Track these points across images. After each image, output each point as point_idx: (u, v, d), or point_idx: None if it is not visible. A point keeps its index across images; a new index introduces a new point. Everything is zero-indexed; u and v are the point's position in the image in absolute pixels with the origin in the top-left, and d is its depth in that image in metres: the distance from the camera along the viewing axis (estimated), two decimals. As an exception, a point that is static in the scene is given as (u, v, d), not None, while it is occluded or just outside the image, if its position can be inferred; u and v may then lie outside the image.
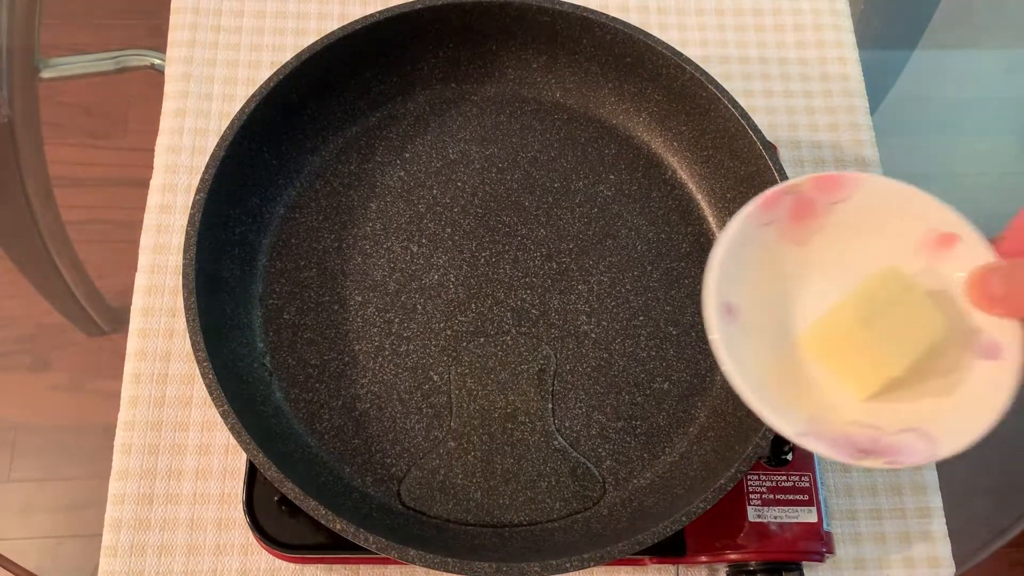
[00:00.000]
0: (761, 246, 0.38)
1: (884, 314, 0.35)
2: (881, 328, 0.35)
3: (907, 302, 0.36)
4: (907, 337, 0.35)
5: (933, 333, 0.35)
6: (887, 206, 0.38)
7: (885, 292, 0.36)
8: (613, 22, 0.51)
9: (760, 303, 0.38)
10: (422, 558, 0.40)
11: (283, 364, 0.48)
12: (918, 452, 0.34)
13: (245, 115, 0.48)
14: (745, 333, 0.37)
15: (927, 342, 0.35)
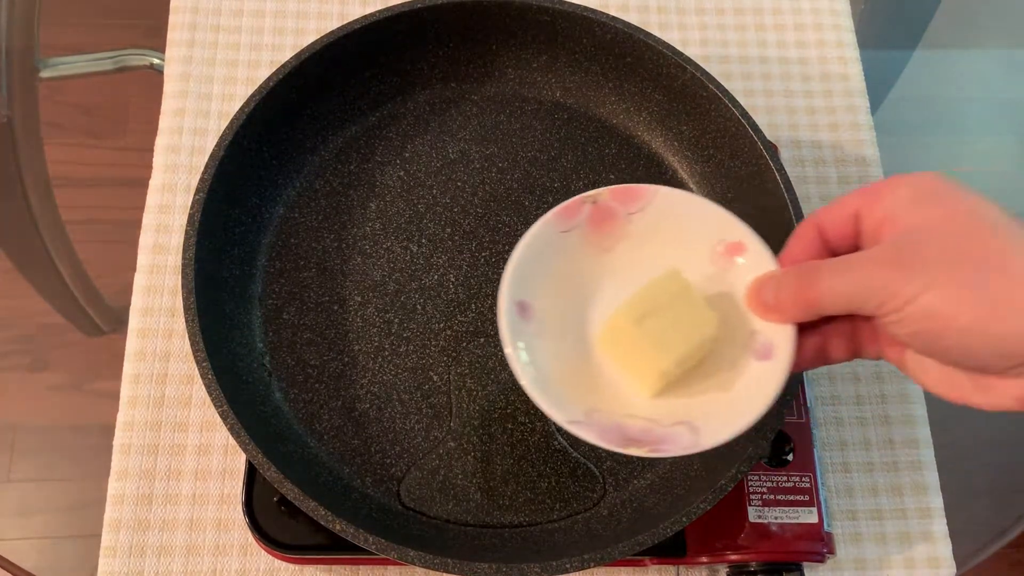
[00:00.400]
0: (563, 252, 0.40)
1: (655, 313, 0.38)
2: (651, 326, 0.38)
3: (681, 302, 0.38)
4: (676, 334, 0.37)
5: (703, 331, 0.38)
6: (682, 216, 0.40)
7: (661, 293, 0.38)
8: (613, 21, 0.51)
9: (560, 304, 0.40)
10: (422, 558, 0.39)
11: (283, 364, 0.48)
12: (682, 443, 0.37)
13: (244, 115, 0.48)
14: (542, 330, 0.39)
15: (696, 339, 0.38)
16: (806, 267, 0.35)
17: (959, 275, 0.30)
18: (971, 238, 0.30)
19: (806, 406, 0.48)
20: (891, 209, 0.33)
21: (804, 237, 0.36)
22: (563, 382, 0.39)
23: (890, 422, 0.53)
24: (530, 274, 0.40)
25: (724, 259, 0.40)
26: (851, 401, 0.53)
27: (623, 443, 0.37)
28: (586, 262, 0.41)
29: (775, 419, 0.43)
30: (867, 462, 0.52)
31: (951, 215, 0.31)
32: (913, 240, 0.31)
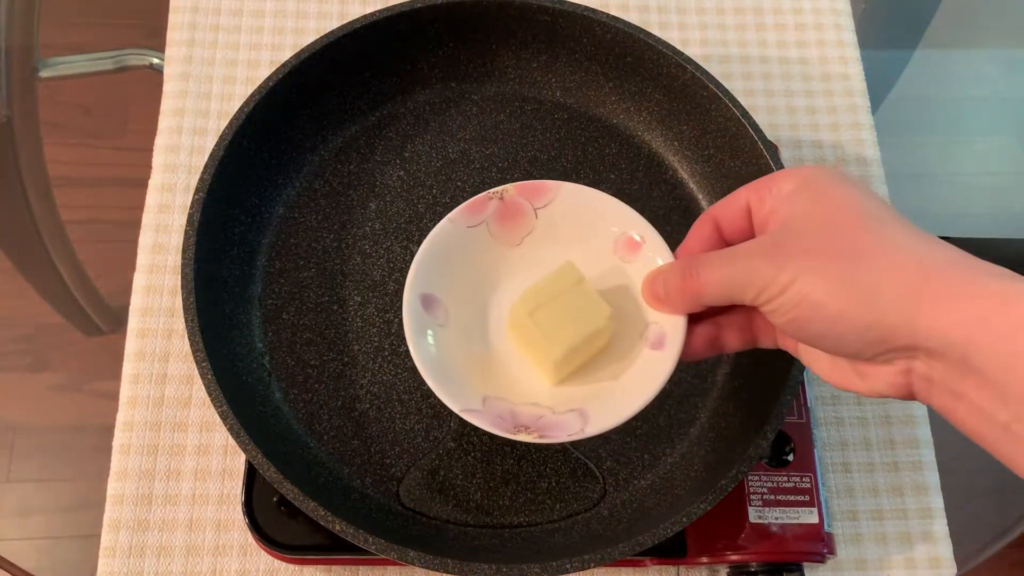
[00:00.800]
0: (471, 246, 0.42)
1: (549, 305, 0.39)
2: (544, 317, 0.39)
3: (574, 294, 0.39)
4: (568, 326, 0.39)
5: (595, 322, 0.39)
6: (586, 211, 0.41)
7: (556, 285, 0.40)
8: (614, 21, 0.51)
9: (467, 296, 0.42)
10: (422, 559, 0.39)
11: (282, 364, 0.48)
12: (569, 430, 0.38)
13: (244, 114, 0.47)
14: (447, 321, 0.41)
15: (587, 330, 0.39)
16: (690, 260, 0.37)
17: (828, 266, 0.31)
18: (843, 230, 0.32)
19: (806, 406, 0.48)
20: (775, 201, 0.34)
21: (701, 231, 0.38)
22: (466, 371, 0.41)
23: (891, 422, 0.53)
24: (436, 268, 0.41)
25: (625, 252, 0.41)
26: (851, 401, 0.53)
27: (514, 430, 0.38)
28: (493, 255, 0.43)
29: (775, 419, 0.43)
30: (867, 462, 0.52)
31: (828, 207, 0.32)
32: (789, 231, 0.33)
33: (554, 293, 0.39)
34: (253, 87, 0.48)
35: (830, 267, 0.31)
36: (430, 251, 0.41)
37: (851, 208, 0.32)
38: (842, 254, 0.31)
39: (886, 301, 0.30)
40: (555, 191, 0.42)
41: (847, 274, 0.30)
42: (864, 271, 0.30)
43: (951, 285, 0.29)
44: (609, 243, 0.41)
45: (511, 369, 0.41)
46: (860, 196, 0.33)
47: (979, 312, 0.28)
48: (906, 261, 0.30)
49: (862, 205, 0.32)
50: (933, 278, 0.29)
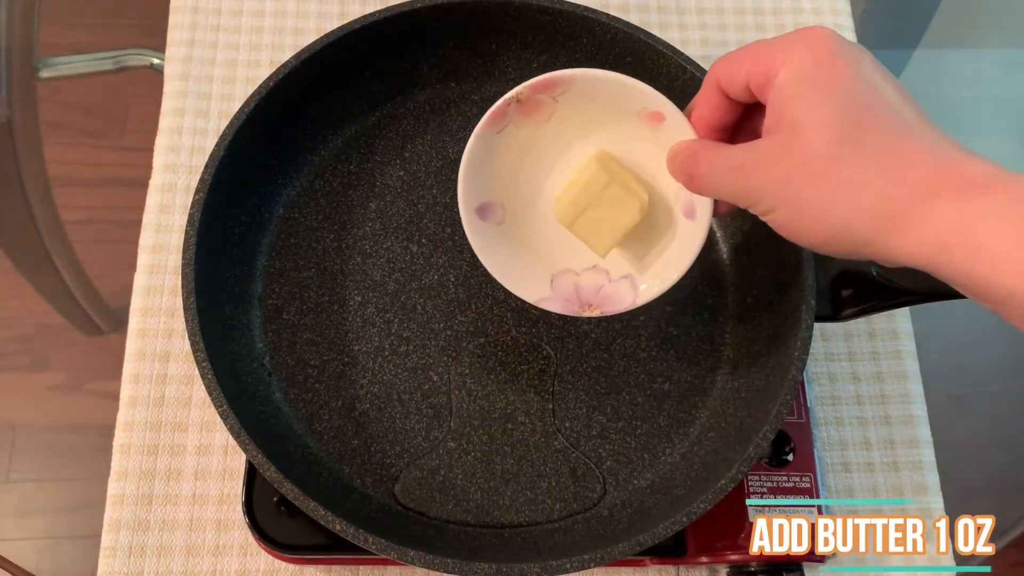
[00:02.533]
0: (504, 145, 0.43)
1: (586, 213, 0.42)
2: (584, 226, 0.43)
3: (609, 193, 0.42)
4: (606, 229, 0.42)
5: (632, 218, 0.42)
6: (605, 91, 0.42)
7: (590, 188, 0.42)
8: (613, 21, 0.51)
9: (517, 187, 0.45)
10: (422, 559, 0.39)
11: (282, 364, 0.48)
12: (624, 301, 0.44)
13: (244, 115, 0.47)
14: (503, 218, 0.45)
15: (626, 225, 0.42)
16: (696, 159, 0.38)
17: (804, 204, 0.33)
18: (805, 159, 0.33)
19: (806, 406, 0.48)
20: (778, 94, 0.34)
21: (710, 99, 0.38)
22: (531, 256, 0.45)
23: (890, 422, 0.53)
24: (478, 177, 0.43)
25: (652, 122, 0.42)
26: (851, 401, 0.53)
27: (580, 308, 0.44)
28: (528, 142, 0.44)
29: (775, 419, 0.43)
30: (867, 462, 0.52)
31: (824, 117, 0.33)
32: (769, 151, 0.34)
33: (588, 199, 0.42)
34: (253, 87, 0.48)
35: (805, 205, 0.33)
36: (469, 166, 0.43)
37: (842, 120, 0.32)
38: (818, 189, 0.33)
39: (856, 237, 0.33)
40: (569, 80, 0.42)
41: (821, 212, 0.33)
42: (837, 211, 0.32)
43: (915, 219, 0.31)
44: (635, 114, 0.42)
45: (570, 237, 0.44)
46: (858, 93, 0.33)
47: (939, 241, 0.30)
48: (876, 196, 0.32)
49: (857, 111, 0.33)
50: (897, 215, 0.31)
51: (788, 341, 0.45)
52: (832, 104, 0.33)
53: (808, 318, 0.45)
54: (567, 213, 0.43)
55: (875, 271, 0.45)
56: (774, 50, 0.35)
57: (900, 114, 0.33)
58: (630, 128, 0.42)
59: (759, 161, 0.35)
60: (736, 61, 0.36)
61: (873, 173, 0.32)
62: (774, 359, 0.46)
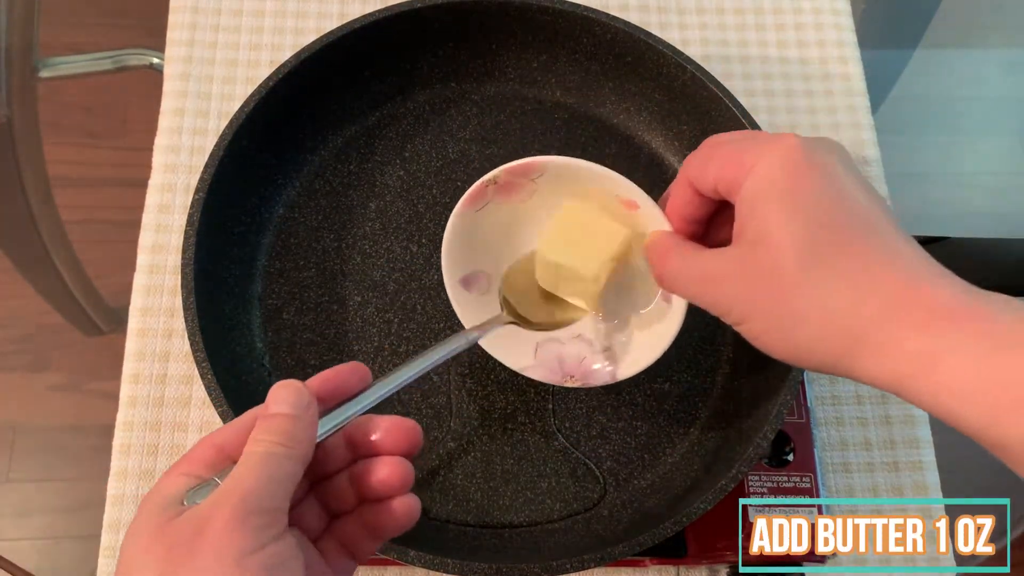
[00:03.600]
0: (485, 221, 0.44)
1: (568, 244, 0.42)
2: (567, 254, 0.42)
3: (591, 222, 0.42)
4: (592, 253, 0.41)
5: (616, 241, 0.41)
6: (579, 177, 0.42)
7: (571, 222, 0.42)
8: (614, 21, 0.51)
9: (501, 261, 0.45)
10: (422, 558, 0.39)
11: (282, 364, 0.48)
12: (604, 377, 0.44)
13: (244, 115, 0.47)
14: (487, 293, 0.45)
15: (612, 249, 0.41)
16: (667, 261, 0.38)
17: (771, 322, 0.33)
18: (773, 276, 0.32)
19: (806, 406, 0.48)
20: (740, 191, 0.34)
21: (682, 192, 0.38)
22: (513, 329, 0.44)
23: (891, 422, 0.53)
24: (461, 251, 0.44)
25: (626, 208, 0.42)
26: (851, 401, 0.53)
27: (563, 378, 0.44)
28: (511, 216, 0.45)
29: (775, 419, 0.43)
30: (867, 462, 0.52)
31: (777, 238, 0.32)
32: (735, 262, 0.34)
33: (568, 235, 0.42)
34: (253, 87, 0.48)
35: (773, 321, 0.33)
36: (452, 241, 0.44)
37: (808, 237, 0.32)
38: (786, 306, 0.32)
39: (824, 356, 0.32)
40: (542, 166, 0.43)
41: (789, 330, 0.33)
42: (805, 330, 0.32)
43: (880, 346, 0.31)
44: (612, 197, 0.42)
45: (550, 305, 0.45)
46: (826, 206, 0.32)
47: (905, 371, 0.30)
48: (843, 319, 0.31)
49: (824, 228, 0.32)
50: (864, 340, 0.31)
51: (788, 341, 0.45)
52: (798, 219, 0.32)
53: (808, 318, 0.45)
54: (545, 252, 0.42)
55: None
56: (743, 155, 0.34)
57: (869, 226, 0.32)
58: (609, 206, 0.43)
59: (725, 273, 0.35)
60: (706, 161, 0.36)
61: (839, 295, 0.31)
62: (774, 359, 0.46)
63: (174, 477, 0.30)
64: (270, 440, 0.30)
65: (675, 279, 0.37)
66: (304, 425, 0.31)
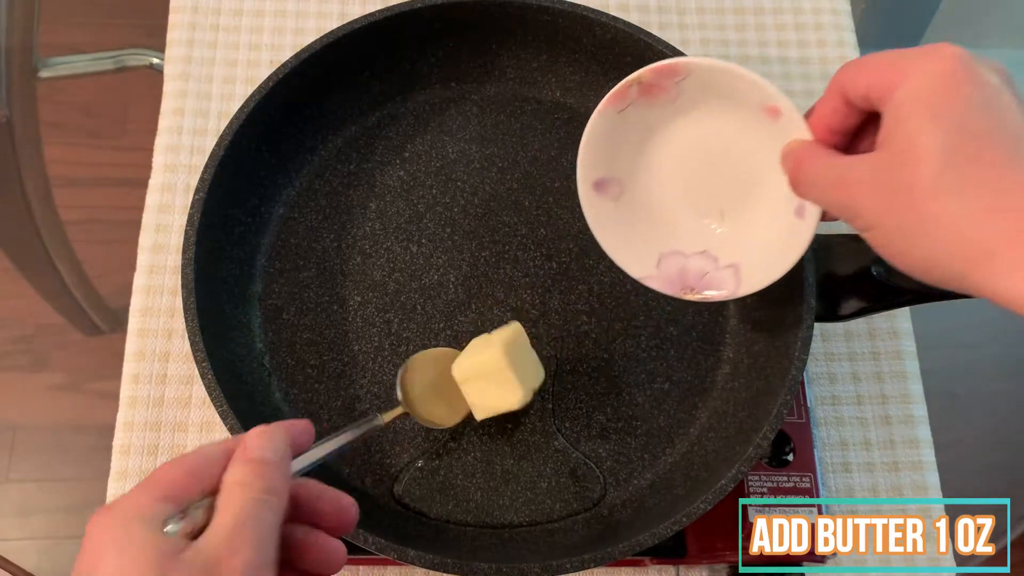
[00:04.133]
0: (628, 125, 0.43)
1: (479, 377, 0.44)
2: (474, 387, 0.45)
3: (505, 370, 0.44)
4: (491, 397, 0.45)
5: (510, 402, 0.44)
6: (724, 80, 0.42)
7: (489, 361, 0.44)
8: (614, 21, 0.51)
9: (636, 168, 0.45)
10: (422, 558, 0.39)
11: (282, 364, 0.48)
12: (725, 289, 0.44)
13: (244, 115, 0.47)
14: (620, 194, 0.45)
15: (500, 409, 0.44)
16: (804, 166, 0.38)
17: (896, 232, 0.33)
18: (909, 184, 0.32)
19: (806, 406, 0.48)
20: (898, 111, 0.33)
21: (830, 100, 0.37)
22: (643, 234, 0.45)
23: (890, 422, 0.53)
24: (597, 153, 0.44)
25: (769, 116, 0.41)
26: (851, 401, 0.53)
27: (682, 290, 0.45)
28: (651, 122, 0.44)
29: (775, 419, 0.43)
30: (867, 462, 0.52)
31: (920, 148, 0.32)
32: (873, 169, 0.34)
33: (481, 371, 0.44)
34: (253, 87, 0.48)
35: (902, 230, 0.33)
36: (590, 141, 0.43)
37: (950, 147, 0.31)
38: (916, 217, 0.32)
39: (952, 270, 0.32)
40: (687, 70, 0.41)
41: (918, 240, 0.32)
42: (934, 242, 0.32)
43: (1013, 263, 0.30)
44: (756, 104, 0.41)
45: (683, 219, 0.45)
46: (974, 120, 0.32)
47: None
48: (975, 232, 0.31)
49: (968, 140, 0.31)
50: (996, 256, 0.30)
51: (788, 341, 0.45)
52: (943, 128, 0.32)
53: (808, 318, 0.45)
54: (460, 373, 0.44)
55: (875, 271, 0.45)
56: (899, 63, 0.33)
57: (1018, 142, 0.31)
58: (750, 117, 0.42)
59: (861, 178, 0.34)
60: (861, 68, 0.35)
61: (974, 206, 0.31)
62: (774, 359, 0.46)
63: (149, 500, 0.29)
64: (259, 487, 0.30)
65: (811, 183, 0.37)
66: (284, 475, 0.31)
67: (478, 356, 0.44)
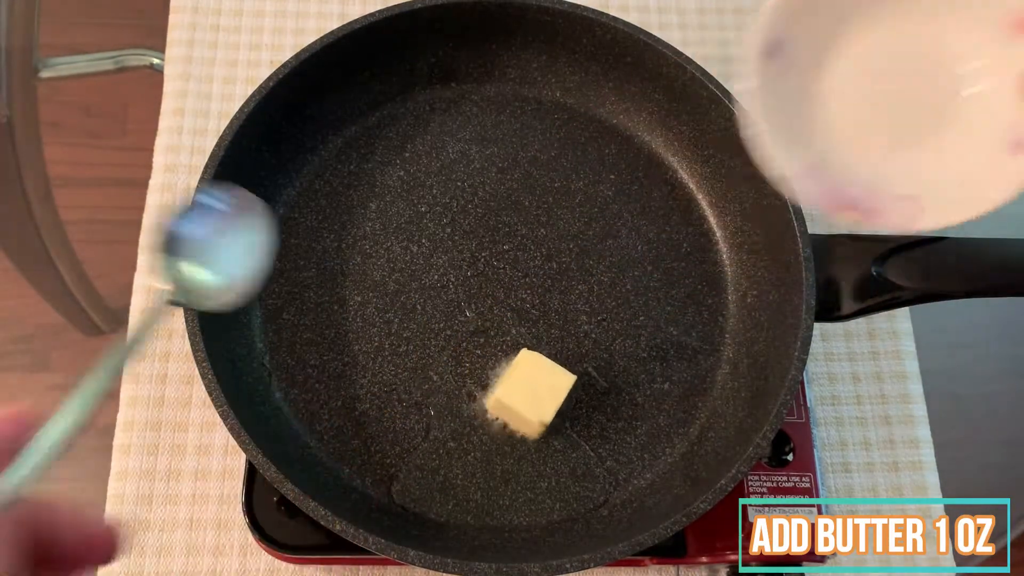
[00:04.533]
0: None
1: (523, 387, 0.45)
2: (522, 397, 0.45)
3: (541, 369, 0.45)
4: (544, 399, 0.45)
5: (563, 391, 0.45)
6: None
7: (525, 367, 0.45)
8: (613, 22, 0.51)
9: (814, 36, 0.38)
10: (422, 559, 0.39)
11: (282, 364, 0.48)
12: (899, 217, 0.37)
13: (244, 115, 0.47)
14: (788, 71, 0.38)
15: (559, 399, 0.45)
16: None
17: None
18: None
19: (806, 406, 0.48)
20: None
21: None
22: (805, 126, 0.38)
23: (890, 422, 0.53)
24: (795, 6, 0.37)
25: (1007, 29, 0.36)
26: (851, 401, 0.53)
27: (839, 206, 0.37)
28: None
29: (775, 419, 0.43)
30: (867, 462, 0.52)
31: None
32: None
33: (523, 384, 0.45)
34: (253, 87, 0.48)
35: None
36: None
37: None
38: None
39: None
40: None
41: None
42: None
43: None
44: (996, 15, 0.36)
45: (840, 124, 0.39)
46: None
47: None
48: None
49: None
50: None
51: (788, 341, 0.45)
52: None
53: (808, 318, 0.45)
54: (505, 394, 0.45)
55: (875, 271, 0.45)
56: None
57: None
58: (983, 30, 0.36)
59: None
60: None
61: None
62: (774, 359, 0.46)
63: None
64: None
65: None
66: None
67: (494, 406, 0.46)
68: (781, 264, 0.48)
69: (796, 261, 0.46)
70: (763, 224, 0.50)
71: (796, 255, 0.46)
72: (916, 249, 0.45)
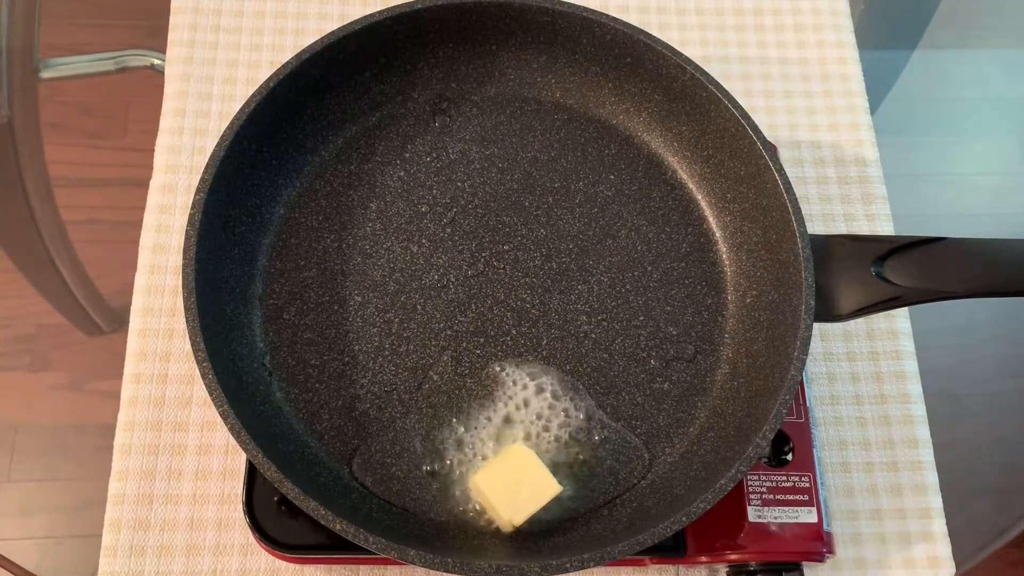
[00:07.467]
0: None
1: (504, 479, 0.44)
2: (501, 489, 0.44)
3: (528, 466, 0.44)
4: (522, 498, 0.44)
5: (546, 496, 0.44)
6: None
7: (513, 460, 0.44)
8: (613, 22, 0.51)
9: None
10: (422, 558, 0.40)
11: (283, 364, 0.48)
12: None
13: (245, 115, 0.48)
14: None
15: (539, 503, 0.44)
16: None
17: None
18: None
19: (805, 406, 0.48)
20: None
21: None
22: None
23: (890, 422, 0.53)
24: None
25: None
26: (851, 401, 0.53)
27: None
28: None
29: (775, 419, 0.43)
30: (867, 462, 0.52)
31: None
32: None
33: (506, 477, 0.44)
34: (254, 87, 0.49)
35: None
36: None
37: None
38: None
39: None
40: None
41: None
42: None
43: None
44: None
45: None
46: None
47: None
48: None
49: None
50: None
51: (787, 341, 0.45)
52: None
53: (808, 318, 0.45)
54: (484, 480, 0.44)
55: (874, 271, 0.45)
56: None
57: None
58: None
59: None
60: None
61: None
62: (774, 359, 0.46)
63: None
64: None
65: None
66: None
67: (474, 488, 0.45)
68: (780, 264, 0.48)
69: (795, 261, 0.46)
70: (763, 224, 0.50)
71: (795, 255, 0.46)
72: (916, 249, 0.45)
